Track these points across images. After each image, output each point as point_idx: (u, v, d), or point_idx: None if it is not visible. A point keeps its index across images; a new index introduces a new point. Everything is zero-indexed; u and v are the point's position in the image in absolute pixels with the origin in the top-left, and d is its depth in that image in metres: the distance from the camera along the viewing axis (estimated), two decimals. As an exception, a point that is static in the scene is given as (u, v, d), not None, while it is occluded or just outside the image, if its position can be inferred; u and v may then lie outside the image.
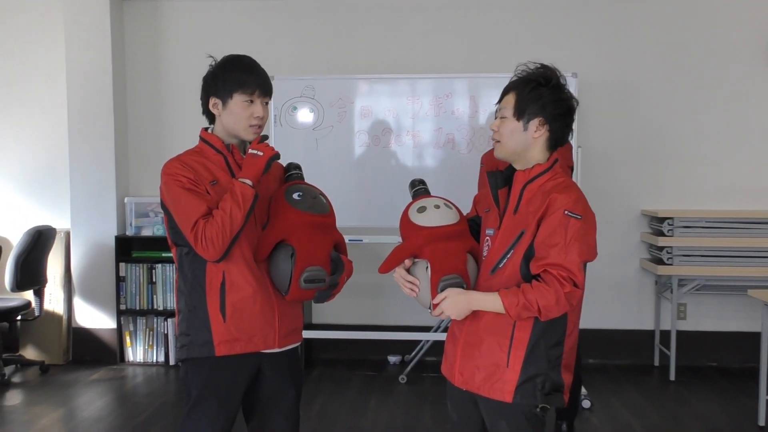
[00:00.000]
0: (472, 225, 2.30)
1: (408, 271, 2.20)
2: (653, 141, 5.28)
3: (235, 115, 2.30)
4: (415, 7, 5.35)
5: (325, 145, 4.84)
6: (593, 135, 5.19)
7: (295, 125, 4.85)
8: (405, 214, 2.24)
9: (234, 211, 2.18)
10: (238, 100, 2.29)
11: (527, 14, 5.29)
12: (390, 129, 4.84)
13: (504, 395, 2.12)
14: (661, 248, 4.96)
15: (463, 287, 2.13)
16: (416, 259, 2.19)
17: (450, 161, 4.78)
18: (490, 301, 2.09)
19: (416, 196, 2.31)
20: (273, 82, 5.04)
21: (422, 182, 2.35)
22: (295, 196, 2.28)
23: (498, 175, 2.23)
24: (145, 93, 5.52)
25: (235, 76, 2.30)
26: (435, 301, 2.14)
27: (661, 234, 4.96)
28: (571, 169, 3.87)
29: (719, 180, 5.25)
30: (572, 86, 4.63)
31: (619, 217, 5.30)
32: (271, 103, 4.76)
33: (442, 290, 2.11)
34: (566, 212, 2.06)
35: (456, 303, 2.12)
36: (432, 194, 2.32)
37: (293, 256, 2.22)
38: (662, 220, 4.97)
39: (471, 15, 5.32)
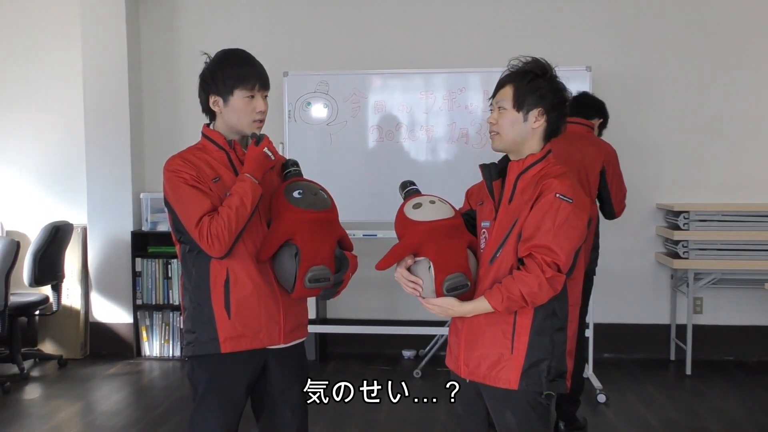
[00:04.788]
0: (467, 219, 2.30)
1: (409, 270, 2.19)
2: (668, 134, 5.24)
3: (238, 111, 2.29)
4: (429, 2, 5.34)
5: (339, 141, 4.85)
6: (608, 128, 5.15)
7: (308, 120, 4.86)
8: (400, 212, 2.22)
9: (240, 207, 2.18)
10: (239, 97, 2.28)
11: (541, 8, 5.26)
12: (403, 124, 4.84)
13: (510, 383, 2.14)
14: (676, 242, 4.93)
15: (467, 285, 2.14)
16: (417, 258, 2.17)
17: (463, 156, 4.77)
18: (479, 306, 2.13)
19: (408, 195, 2.28)
20: (287, 78, 5.11)
21: (413, 183, 2.34)
22: (296, 194, 2.25)
23: (492, 167, 2.26)
24: (160, 89, 5.56)
25: (234, 72, 2.28)
26: (426, 305, 2.17)
27: (677, 228, 4.93)
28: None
29: (736, 173, 5.20)
30: (586, 79, 4.68)
31: (634, 211, 5.24)
32: (285, 98, 4.82)
33: (447, 289, 2.12)
34: (558, 195, 2.08)
35: (446, 313, 2.17)
36: (423, 193, 2.30)
37: (297, 256, 2.20)
38: (678, 213, 4.94)
39: (484, 9, 5.30)
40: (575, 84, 4.57)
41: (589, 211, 2.17)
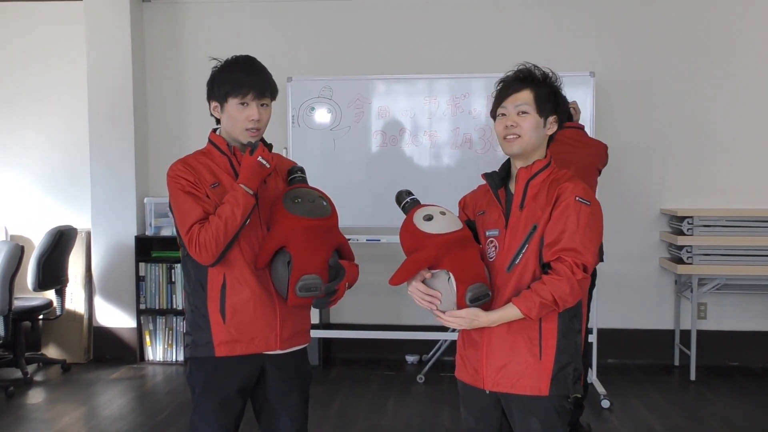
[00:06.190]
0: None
1: (425, 283, 2.15)
2: (672, 139, 5.24)
3: (232, 118, 2.29)
4: (432, 7, 5.35)
5: (343, 146, 4.85)
6: (612, 133, 5.15)
7: (312, 125, 4.86)
8: (410, 225, 2.16)
9: (230, 217, 2.19)
10: (232, 103, 2.27)
11: (545, 13, 5.27)
12: (407, 129, 4.84)
13: (540, 389, 2.14)
14: (680, 247, 4.92)
15: (489, 294, 2.13)
16: (434, 271, 2.13)
17: (467, 161, 4.77)
18: (507, 314, 2.11)
19: (411, 206, 2.23)
20: (290, 83, 5.11)
21: (410, 193, 2.29)
22: (293, 201, 2.24)
23: (495, 176, 2.26)
24: (164, 94, 5.57)
25: (230, 79, 2.27)
26: (448, 318, 2.13)
27: (681, 233, 4.92)
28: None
29: (739, 178, 5.19)
30: (590, 85, 4.68)
31: (638, 216, 5.27)
32: (289, 103, 4.83)
33: (470, 300, 2.10)
34: (577, 198, 2.11)
35: (470, 324, 2.14)
36: (423, 203, 2.25)
37: (290, 264, 2.19)
38: (682, 218, 4.93)
39: (488, 15, 5.31)
40: (579, 89, 4.58)
41: (602, 213, 2.20)
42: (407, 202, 2.26)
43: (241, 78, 2.27)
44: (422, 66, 5.21)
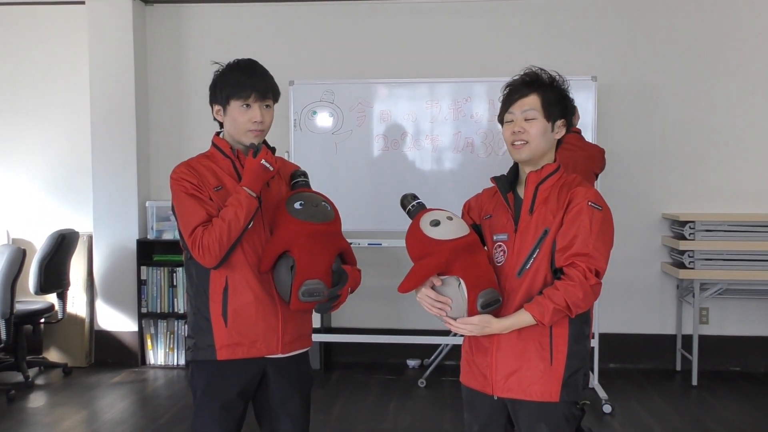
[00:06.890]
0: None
1: (434, 289, 2.12)
2: (674, 144, 5.24)
3: (234, 120, 2.30)
4: (434, 11, 5.36)
5: (345, 149, 4.86)
6: (613, 138, 5.16)
7: (314, 129, 4.87)
8: (417, 230, 2.13)
9: (233, 220, 2.19)
10: (235, 106, 2.28)
11: (546, 18, 5.28)
12: (409, 133, 4.84)
13: (551, 395, 2.12)
14: (682, 252, 4.91)
15: (500, 300, 2.11)
16: (444, 277, 2.10)
17: (469, 165, 4.77)
18: (520, 320, 2.10)
19: (417, 211, 2.20)
20: (292, 87, 5.12)
21: (415, 197, 2.26)
22: (297, 205, 2.24)
23: (504, 180, 2.24)
24: (166, 98, 5.58)
25: (232, 82, 2.28)
26: (460, 325, 2.10)
27: (683, 237, 4.91)
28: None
29: (741, 182, 5.19)
30: (592, 89, 4.68)
31: (640, 221, 5.26)
32: (291, 107, 4.83)
33: (482, 306, 2.07)
34: (590, 203, 2.10)
35: (482, 331, 2.11)
36: (430, 207, 2.23)
37: (293, 269, 2.19)
38: (683, 223, 4.93)
39: (490, 19, 5.32)
40: (581, 94, 4.56)
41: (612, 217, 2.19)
42: (413, 206, 2.23)
43: (243, 80, 2.28)
44: (424, 70, 5.21)
